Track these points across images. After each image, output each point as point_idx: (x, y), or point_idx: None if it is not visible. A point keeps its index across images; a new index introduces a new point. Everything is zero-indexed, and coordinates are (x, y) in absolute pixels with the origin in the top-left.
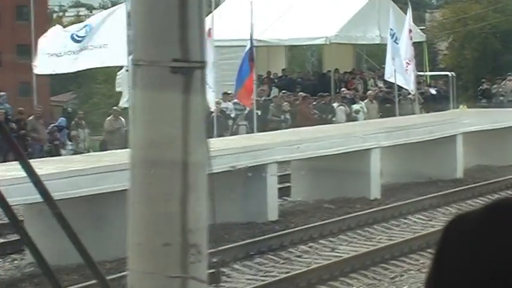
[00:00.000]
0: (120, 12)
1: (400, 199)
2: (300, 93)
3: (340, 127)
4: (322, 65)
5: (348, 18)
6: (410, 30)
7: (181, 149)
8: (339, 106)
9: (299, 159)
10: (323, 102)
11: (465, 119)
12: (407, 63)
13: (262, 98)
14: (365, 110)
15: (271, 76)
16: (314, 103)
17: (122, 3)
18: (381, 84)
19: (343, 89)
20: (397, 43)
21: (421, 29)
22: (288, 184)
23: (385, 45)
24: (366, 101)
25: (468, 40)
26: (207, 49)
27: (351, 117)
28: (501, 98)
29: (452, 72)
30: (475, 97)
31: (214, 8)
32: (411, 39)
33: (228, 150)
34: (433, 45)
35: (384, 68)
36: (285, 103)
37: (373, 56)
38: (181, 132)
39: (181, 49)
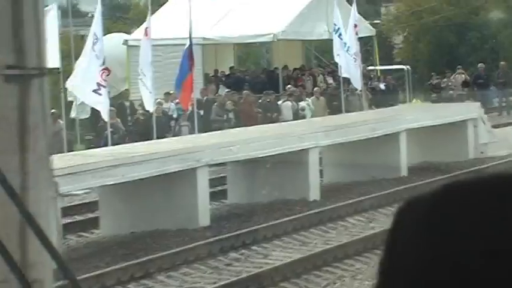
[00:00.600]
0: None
1: (340, 200)
2: (245, 91)
3: (279, 127)
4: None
5: (295, 14)
6: (355, 25)
7: (18, 170)
8: (284, 104)
9: (232, 161)
10: (268, 100)
11: (409, 115)
12: (353, 58)
13: (205, 98)
14: (312, 107)
15: (219, 74)
16: (260, 101)
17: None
18: (330, 80)
19: (288, 86)
20: (341, 38)
21: (376, 23)
22: (225, 187)
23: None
24: (312, 97)
25: (423, 33)
26: (145, 49)
27: (298, 115)
28: (451, 91)
29: (408, 66)
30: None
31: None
32: (357, 34)
33: (155, 154)
34: (388, 39)
35: (333, 63)
36: (229, 102)
37: (324, 52)
38: (18, 150)
39: (16, 54)
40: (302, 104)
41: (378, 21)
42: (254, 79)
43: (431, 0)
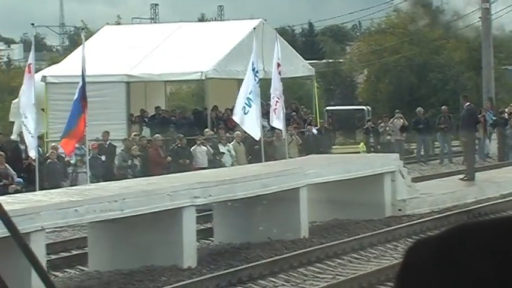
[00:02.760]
0: None
1: (220, 268)
2: (156, 135)
3: (149, 181)
4: (204, 102)
5: (226, 52)
6: (278, 64)
7: None
8: (198, 149)
9: (76, 224)
10: (179, 145)
11: (312, 169)
12: (276, 100)
13: (108, 142)
14: (233, 153)
15: (144, 115)
16: (173, 145)
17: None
18: (265, 122)
19: (206, 129)
20: (256, 77)
21: (339, 62)
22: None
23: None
24: (233, 142)
25: (383, 73)
26: (27, 88)
27: (215, 162)
28: (388, 137)
29: (368, 106)
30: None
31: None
32: (280, 74)
33: None
34: (348, 78)
35: (267, 104)
36: (134, 147)
37: (261, 92)
38: None
39: None
40: (222, 149)
41: (341, 60)
42: (180, 120)
43: (392, 39)
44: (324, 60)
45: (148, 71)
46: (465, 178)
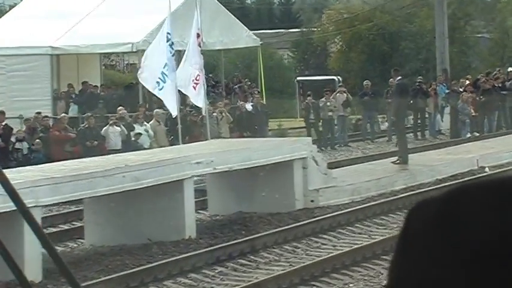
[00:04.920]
0: None
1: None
2: (63, 114)
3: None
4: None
5: (158, 22)
6: (198, 35)
7: None
8: (111, 129)
9: None
10: (86, 125)
11: (202, 158)
12: (197, 74)
13: (4, 123)
14: (151, 132)
15: (71, 91)
16: (82, 125)
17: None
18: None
19: (120, 107)
20: (172, 49)
21: (312, 31)
22: None
23: (210, 51)
24: (152, 121)
25: (355, 42)
26: None
27: (132, 143)
28: (330, 113)
29: (339, 76)
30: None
31: None
32: (200, 45)
33: None
34: (319, 47)
35: (208, 77)
36: (19, 129)
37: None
38: None
39: None
40: (139, 129)
41: (315, 29)
42: (109, 96)
43: (363, 7)
44: (297, 30)
45: (75, 43)
46: (397, 161)
